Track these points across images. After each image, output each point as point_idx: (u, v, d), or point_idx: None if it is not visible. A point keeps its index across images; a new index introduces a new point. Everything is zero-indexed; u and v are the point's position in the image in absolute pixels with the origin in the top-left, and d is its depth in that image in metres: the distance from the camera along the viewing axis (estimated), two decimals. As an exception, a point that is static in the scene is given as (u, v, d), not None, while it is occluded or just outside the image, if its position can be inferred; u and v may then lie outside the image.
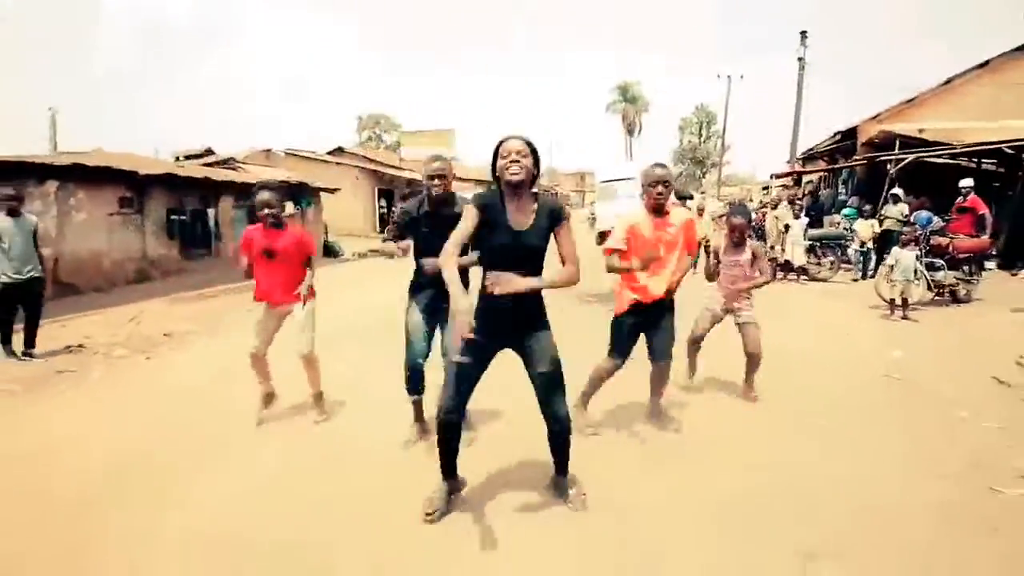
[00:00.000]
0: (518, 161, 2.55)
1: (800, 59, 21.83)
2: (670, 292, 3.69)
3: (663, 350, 3.77)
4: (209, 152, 24.30)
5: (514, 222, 2.59)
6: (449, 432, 2.78)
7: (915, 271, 7.63)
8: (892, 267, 7.67)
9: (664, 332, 3.75)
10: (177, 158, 23.00)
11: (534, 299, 2.69)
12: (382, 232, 24.84)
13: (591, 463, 3.29)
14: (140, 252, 12.12)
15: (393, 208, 26.22)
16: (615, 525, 2.81)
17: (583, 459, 3.18)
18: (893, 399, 4.59)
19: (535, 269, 2.60)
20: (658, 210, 3.66)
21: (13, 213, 5.80)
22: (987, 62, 16.72)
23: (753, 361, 4.45)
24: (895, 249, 7.87)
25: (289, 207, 16.86)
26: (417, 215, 3.55)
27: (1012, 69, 16.39)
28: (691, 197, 21.18)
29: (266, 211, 3.92)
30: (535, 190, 2.70)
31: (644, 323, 3.73)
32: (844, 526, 2.80)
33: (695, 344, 4.66)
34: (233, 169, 15.74)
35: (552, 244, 2.70)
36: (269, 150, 25.56)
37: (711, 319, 4.57)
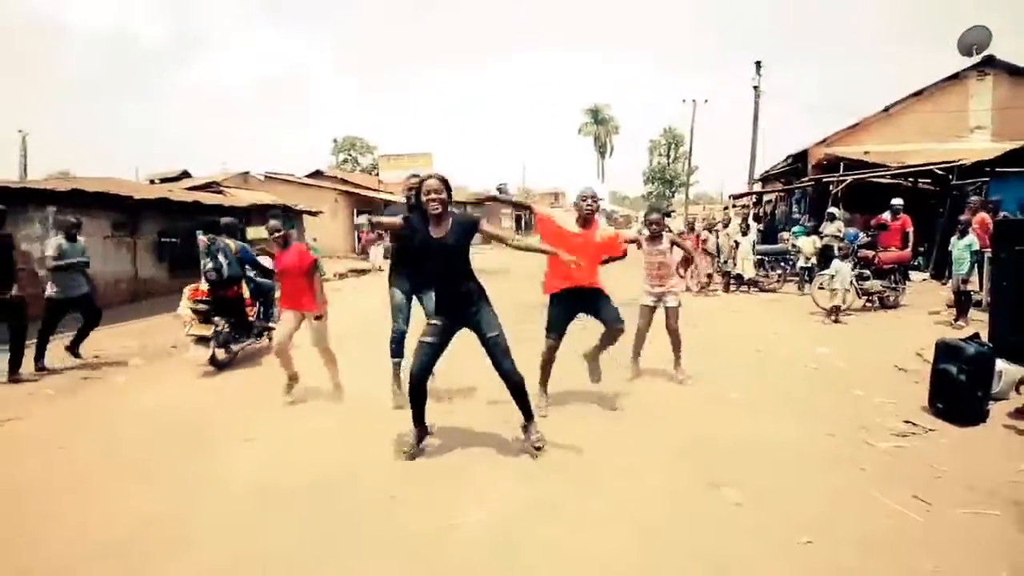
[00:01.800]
0: (435, 199, 3.52)
1: (756, 88, 23.32)
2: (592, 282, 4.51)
3: (612, 317, 4.51)
4: (185, 175, 24.56)
5: (434, 233, 3.59)
6: (417, 392, 3.73)
7: (850, 280, 8.63)
8: (832, 277, 8.66)
9: (604, 303, 4.51)
10: (152, 181, 23.30)
11: (475, 286, 3.70)
12: (362, 255, 25.52)
13: (561, 429, 4.12)
14: (133, 273, 12.66)
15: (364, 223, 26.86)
16: (577, 470, 3.64)
17: (557, 426, 4.01)
18: (806, 383, 5.53)
19: (461, 264, 3.64)
20: (585, 222, 4.50)
21: (71, 237, 6.49)
22: (922, 90, 18.13)
23: (674, 336, 5.42)
24: (835, 261, 8.89)
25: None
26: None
27: (944, 97, 17.86)
28: (670, 215, 22.15)
29: (275, 235, 4.98)
30: (452, 211, 3.68)
31: (580, 307, 4.53)
32: (745, 467, 3.68)
33: (641, 337, 5.53)
34: (219, 193, 16.34)
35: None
36: (247, 173, 25.97)
37: (650, 314, 5.47)
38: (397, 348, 4.88)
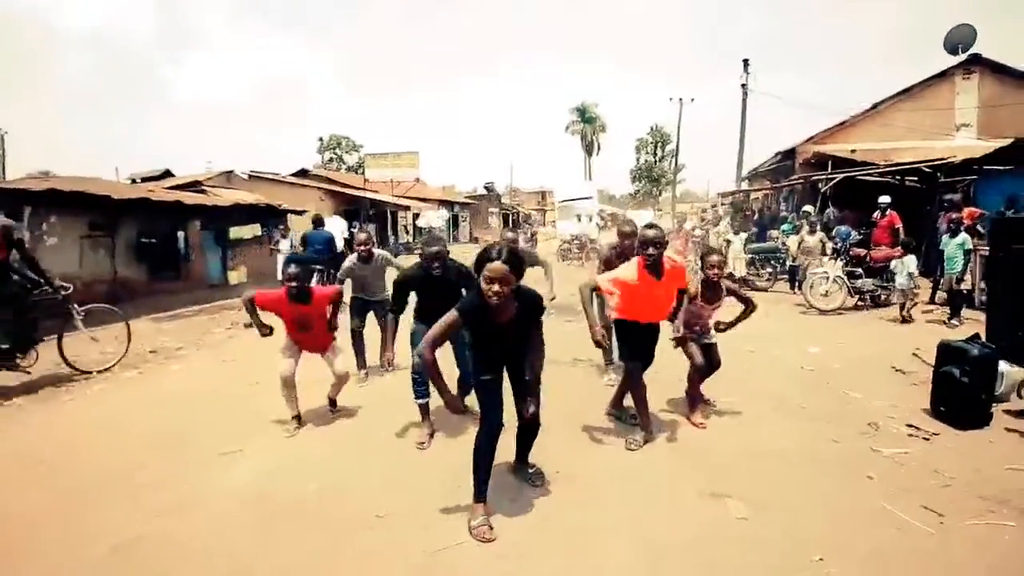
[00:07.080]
0: (500, 292, 2.80)
1: (743, 86, 23.31)
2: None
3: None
4: (168, 174, 24.09)
5: (498, 319, 2.97)
6: (494, 442, 3.06)
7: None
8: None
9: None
10: (133, 180, 22.79)
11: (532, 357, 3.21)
12: (349, 251, 25.18)
13: (557, 443, 3.96)
14: (110, 274, 12.33)
15: (353, 229, 26.50)
16: (574, 483, 3.50)
17: (553, 441, 3.86)
18: (803, 386, 5.42)
19: (525, 342, 3.15)
20: (653, 267, 3.90)
21: None
22: (909, 89, 18.20)
23: (714, 372, 4.69)
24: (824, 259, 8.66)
25: (256, 229, 17.18)
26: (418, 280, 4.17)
27: (930, 95, 17.94)
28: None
29: (293, 284, 4.22)
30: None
31: (647, 338, 4.19)
32: (748, 476, 3.55)
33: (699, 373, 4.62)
34: (202, 192, 15.99)
35: None
36: (230, 172, 25.51)
37: (700, 348, 4.56)
38: (422, 390, 4.22)
